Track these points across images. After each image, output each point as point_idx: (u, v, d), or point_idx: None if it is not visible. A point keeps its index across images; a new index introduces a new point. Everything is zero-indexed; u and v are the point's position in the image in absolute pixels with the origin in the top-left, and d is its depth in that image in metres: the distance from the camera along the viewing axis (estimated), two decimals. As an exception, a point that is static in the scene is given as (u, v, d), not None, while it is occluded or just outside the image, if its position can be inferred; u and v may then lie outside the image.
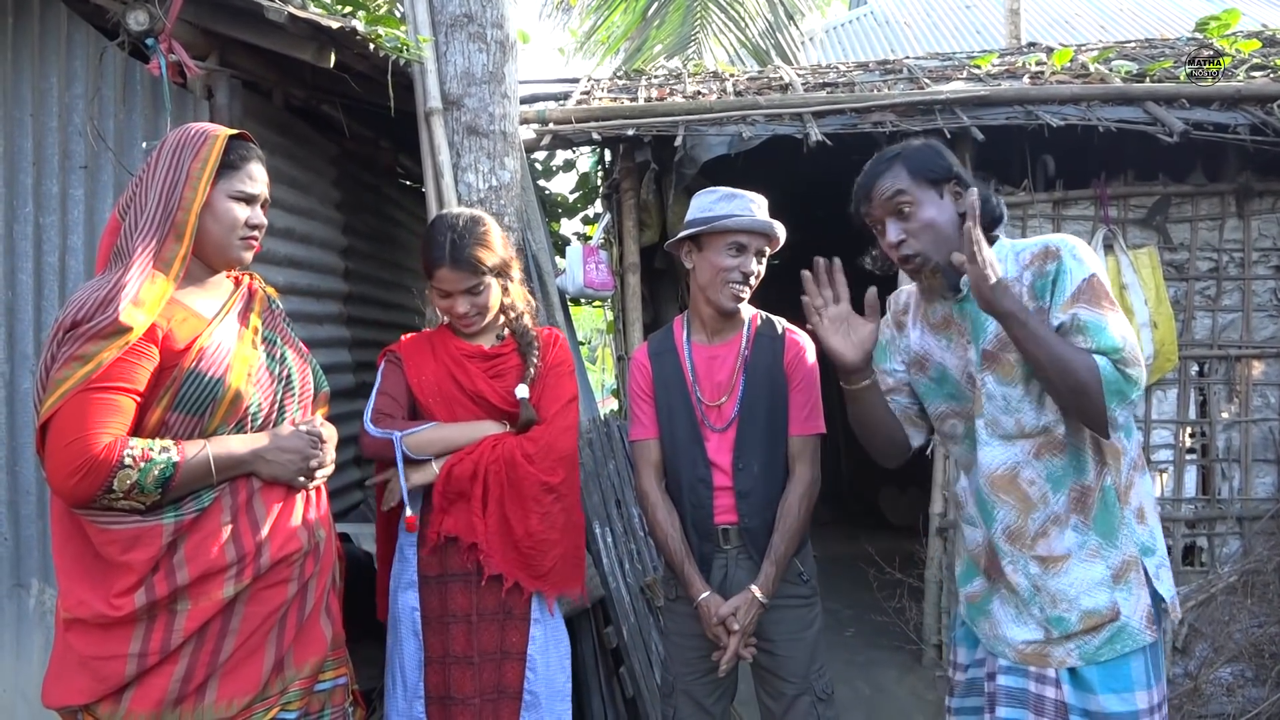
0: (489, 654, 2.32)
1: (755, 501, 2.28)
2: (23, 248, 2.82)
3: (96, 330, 1.63)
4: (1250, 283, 4.10)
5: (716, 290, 2.28)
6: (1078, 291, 1.74)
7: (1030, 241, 1.84)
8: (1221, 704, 3.49)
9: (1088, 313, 1.72)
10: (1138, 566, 1.79)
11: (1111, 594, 1.78)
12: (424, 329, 2.57)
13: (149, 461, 1.66)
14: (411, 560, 2.34)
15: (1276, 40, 5.09)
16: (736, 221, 2.23)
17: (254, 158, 1.89)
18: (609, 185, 4.66)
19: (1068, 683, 1.81)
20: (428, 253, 2.32)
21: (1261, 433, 4.11)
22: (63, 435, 1.63)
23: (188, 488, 1.72)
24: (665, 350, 2.40)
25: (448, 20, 3.21)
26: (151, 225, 1.75)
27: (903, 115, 4.10)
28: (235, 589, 1.76)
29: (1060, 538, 1.81)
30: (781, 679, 2.29)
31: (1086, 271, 1.74)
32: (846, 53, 11.54)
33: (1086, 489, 1.80)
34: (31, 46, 2.80)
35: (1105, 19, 11.67)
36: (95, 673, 1.69)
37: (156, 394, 1.72)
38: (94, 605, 1.69)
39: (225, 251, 1.85)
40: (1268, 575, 3.76)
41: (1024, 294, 1.79)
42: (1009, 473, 1.86)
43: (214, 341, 1.78)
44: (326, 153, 3.76)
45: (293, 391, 1.94)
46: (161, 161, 1.80)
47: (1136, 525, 1.81)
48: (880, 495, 7.11)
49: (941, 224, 1.86)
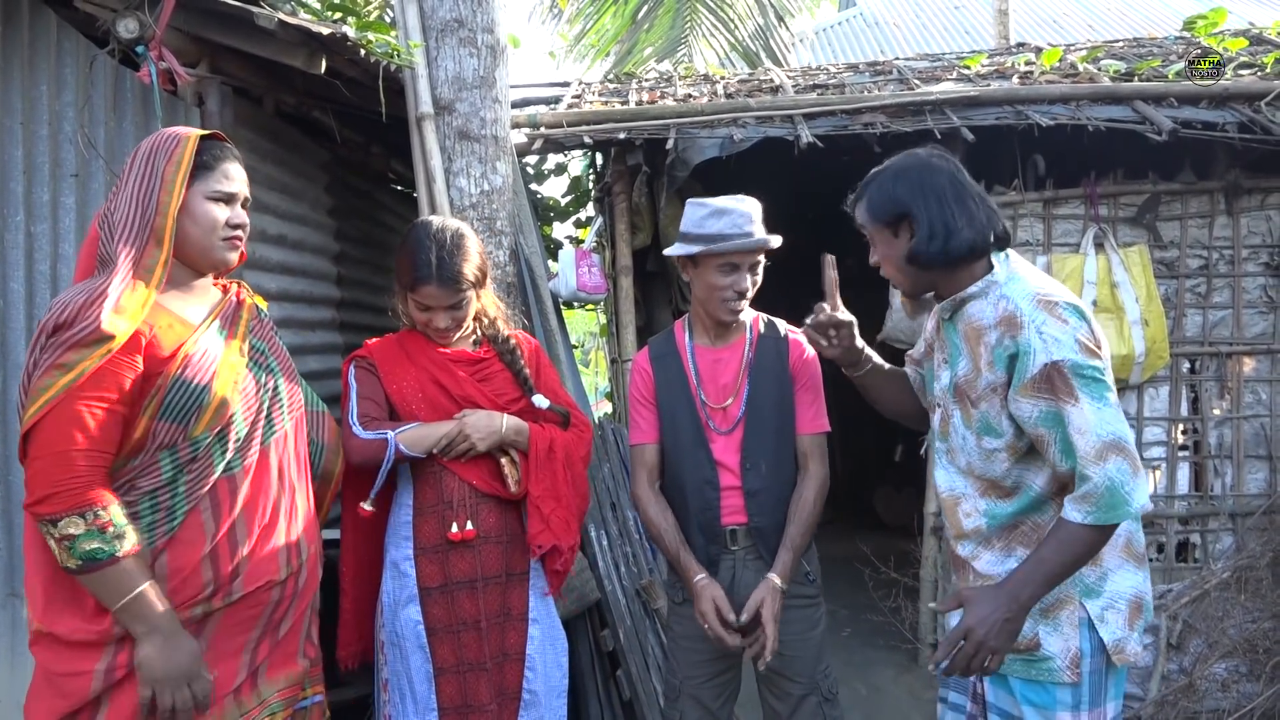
0: (498, 658, 2.33)
1: (765, 501, 2.28)
2: (14, 256, 2.81)
3: (78, 338, 1.61)
4: (1240, 280, 4.11)
5: (714, 306, 2.30)
6: (1034, 380, 1.68)
7: (1014, 291, 1.77)
8: (1216, 699, 3.50)
9: (1048, 404, 1.67)
10: (1073, 605, 1.77)
11: (1035, 625, 1.76)
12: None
13: (100, 533, 1.60)
14: (410, 574, 2.29)
15: (1264, 38, 5.11)
16: (725, 246, 2.22)
17: (229, 157, 1.87)
18: (601, 189, 4.66)
19: (988, 682, 1.84)
20: (412, 268, 2.28)
21: (1253, 429, 4.12)
22: (45, 446, 1.61)
23: (102, 585, 1.63)
24: (667, 353, 2.41)
25: (438, 25, 3.22)
26: (130, 232, 1.72)
27: (893, 116, 4.11)
28: (204, 611, 1.74)
29: (992, 562, 1.83)
30: (788, 679, 2.29)
31: (1045, 359, 1.67)
32: (836, 54, 11.57)
33: (1036, 525, 1.79)
34: (21, 54, 2.79)
35: (1093, 18, 11.71)
36: (60, 689, 1.65)
37: (142, 402, 1.69)
38: (68, 621, 1.66)
39: (208, 253, 1.83)
40: (1261, 571, 3.78)
41: (983, 354, 1.77)
42: (951, 499, 1.89)
43: (199, 348, 1.76)
44: (318, 159, 3.76)
45: (280, 403, 1.91)
46: (135, 168, 1.77)
47: (1085, 566, 1.75)
48: (875, 495, 7.12)
49: (892, 263, 1.90)
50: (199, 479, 1.74)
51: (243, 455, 1.80)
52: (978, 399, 1.80)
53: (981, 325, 1.79)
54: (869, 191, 1.90)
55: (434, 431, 2.27)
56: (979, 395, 1.80)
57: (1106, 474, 1.63)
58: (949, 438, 1.90)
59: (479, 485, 2.32)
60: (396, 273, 2.37)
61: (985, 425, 1.79)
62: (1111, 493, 1.63)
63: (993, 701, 1.83)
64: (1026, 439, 1.77)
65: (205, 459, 1.75)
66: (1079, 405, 1.65)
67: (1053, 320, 1.69)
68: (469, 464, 2.32)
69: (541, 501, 2.34)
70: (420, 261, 2.26)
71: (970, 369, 1.81)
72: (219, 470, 1.77)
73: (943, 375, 1.92)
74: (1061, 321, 1.69)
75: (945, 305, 1.87)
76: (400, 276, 2.34)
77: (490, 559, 2.33)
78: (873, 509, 7.07)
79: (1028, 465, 1.80)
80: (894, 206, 1.85)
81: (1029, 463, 1.80)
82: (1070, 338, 1.68)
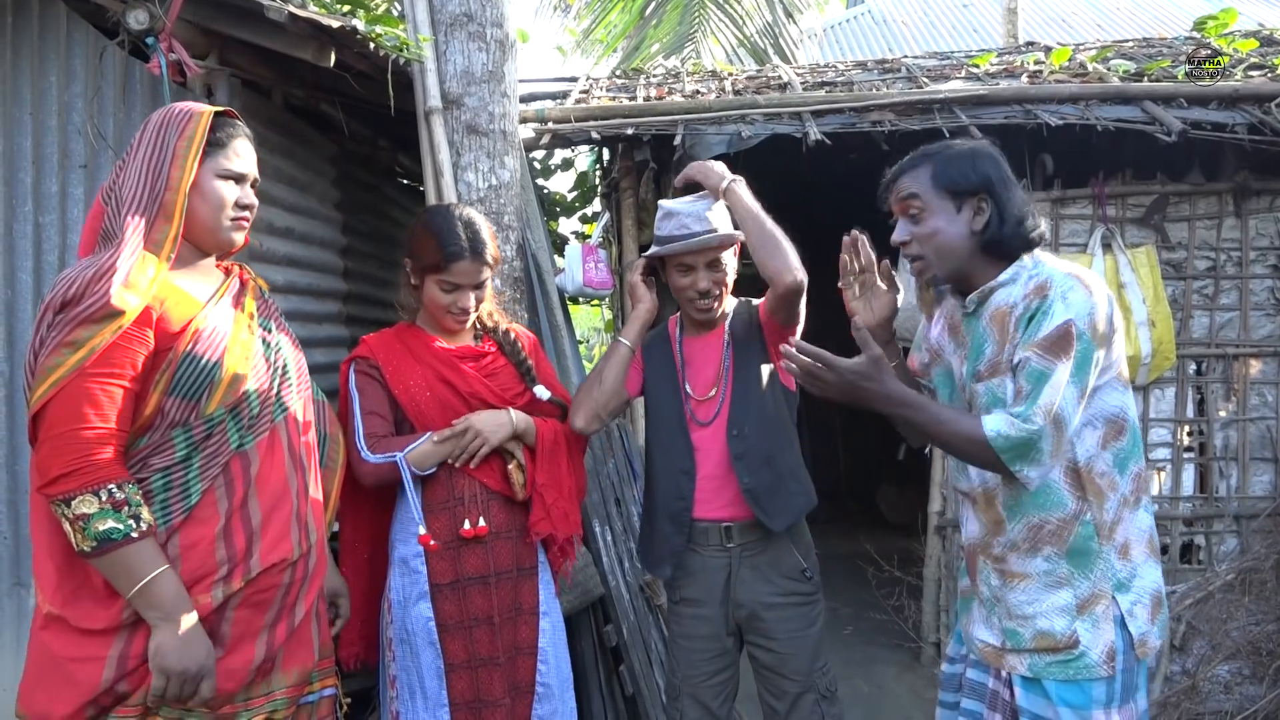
0: (510, 652, 2.33)
1: (752, 461, 2.28)
2: (22, 246, 2.81)
3: (88, 314, 1.56)
4: (1248, 281, 4.11)
5: (684, 305, 2.38)
6: (1044, 337, 1.69)
7: (1048, 269, 1.78)
8: (1219, 701, 3.50)
9: (1039, 360, 1.68)
10: (1107, 601, 1.76)
11: (1072, 623, 1.76)
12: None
13: (114, 512, 1.56)
14: (421, 571, 2.28)
15: (1274, 39, 5.09)
16: (670, 249, 2.27)
17: (240, 135, 1.82)
18: (608, 184, 4.66)
19: (1020, 687, 1.82)
20: (442, 246, 2.25)
21: (1259, 431, 4.11)
22: (56, 425, 1.57)
23: (111, 569, 1.59)
24: (658, 343, 2.45)
25: (447, 19, 3.21)
26: (139, 206, 1.67)
27: (901, 114, 4.10)
28: (224, 593, 1.69)
29: (1020, 561, 1.81)
30: (784, 677, 2.30)
31: (1063, 317, 1.68)
32: (844, 51, 11.55)
33: (1064, 522, 1.77)
34: (31, 45, 2.80)
35: (1103, 18, 11.68)
36: (69, 676, 1.59)
37: (152, 379, 1.65)
38: (82, 604, 1.61)
39: (215, 233, 1.78)
40: (1265, 573, 3.77)
41: (1012, 324, 1.76)
42: (982, 489, 1.87)
43: (209, 324, 1.72)
44: (326, 152, 3.75)
45: (289, 381, 1.88)
46: (145, 141, 1.73)
47: (1117, 561, 1.77)
48: (878, 494, 7.12)
49: (947, 238, 1.82)
50: (213, 457, 1.71)
51: (254, 433, 1.77)
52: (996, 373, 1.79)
53: (1010, 304, 1.77)
54: (936, 160, 1.84)
55: (441, 447, 2.25)
56: (999, 369, 1.78)
57: (1044, 432, 1.65)
58: None
59: (488, 483, 2.33)
60: (417, 255, 2.31)
61: (993, 397, 1.78)
62: (1030, 446, 1.66)
63: (1026, 707, 1.81)
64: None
65: (220, 436, 1.72)
66: (1065, 365, 1.66)
67: (1081, 289, 1.71)
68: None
69: (545, 490, 2.35)
70: (451, 239, 2.26)
71: (996, 350, 1.79)
72: (233, 447, 1.74)
73: (964, 368, 1.89)
74: (1087, 293, 1.71)
75: (972, 298, 1.84)
76: (423, 258, 2.29)
77: (502, 554, 2.33)
78: (876, 507, 7.08)
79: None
80: (974, 179, 1.81)
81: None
82: (1086, 306, 1.69)
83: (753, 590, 2.31)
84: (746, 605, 2.31)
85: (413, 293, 2.39)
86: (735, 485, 2.29)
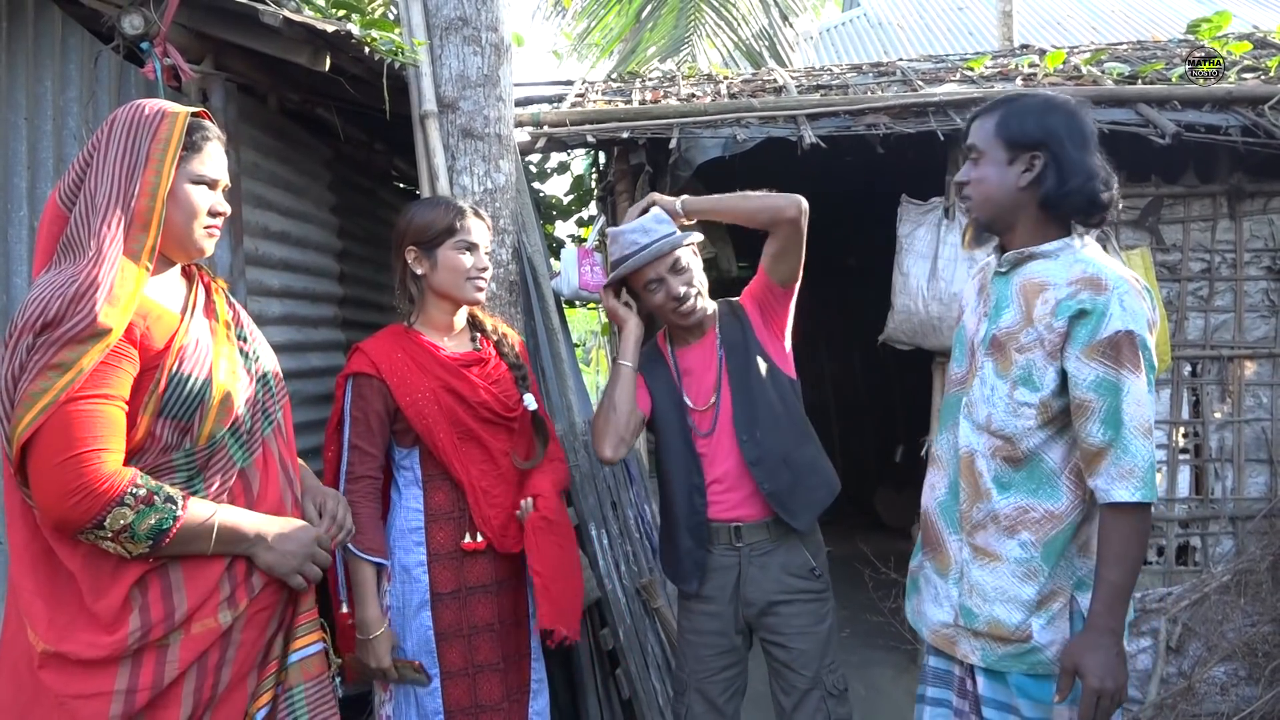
0: (511, 657, 2.34)
1: (770, 465, 2.29)
2: (17, 251, 2.81)
3: (73, 334, 1.45)
4: (1242, 283, 4.12)
5: (669, 319, 2.40)
6: (1105, 342, 1.68)
7: (1098, 265, 1.75)
8: (1215, 703, 3.50)
9: (1105, 370, 1.67)
10: (1066, 597, 1.77)
11: (1028, 617, 1.77)
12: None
13: (150, 506, 1.49)
14: (423, 580, 2.26)
15: (1268, 42, 5.11)
16: (623, 270, 2.34)
17: (213, 137, 1.70)
18: (603, 188, 4.66)
19: (982, 676, 1.83)
20: (445, 214, 2.27)
21: (1254, 432, 4.12)
22: (51, 455, 1.44)
23: (182, 548, 1.54)
24: (654, 361, 2.45)
25: (442, 23, 3.21)
26: (110, 214, 1.54)
27: (896, 118, 4.11)
28: (232, 615, 1.61)
29: (996, 539, 1.81)
30: (795, 672, 2.33)
31: (1123, 324, 1.67)
32: (840, 54, 11.56)
33: (1050, 515, 1.78)
34: (25, 50, 2.80)
35: (1097, 21, 11.70)
36: (73, 714, 1.48)
37: (140, 401, 1.54)
38: (79, 635, 1.49)
39: (187, 242, 1.66)
40: (1260, 574, 3.77)
41: (1039, 308, 1.75)
42: (968, 455, 1.87)
43: (191, 339, 1.62)
44: (321, 156, 3.75)
45: (271, 392, 1.80)
46: (114, 142, 1.58)
47: (1078, 558, 1.78)
48: (875, 496, 7.12)
49: (989, 187, 1.83)
50: (220, 479, 1.65)
51: (250, 451, 1.70)
52: (1021, 349, 1.78)
53: (1045, 283, 1.76)
54: (1004, 110, 1.84)
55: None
56: (1022, 346, 1.77)
57: (1149, 450, 1.66)
58: (972, 390, 1.88)
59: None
60: (422, 232, 2.27)
61: (1025, 376, 1.77)
62: (1151, 470, 1.66)
63: (988, 695, 1.82)
64: (1062, 401, 1.75)
65: (225, 458, 1.66)
66: (1139, 378, 1.67)
67: (1135, 294, 1.71)
68: (482, 474, 2.29)
69: (551, 582, 2.27)
70: (451, 205, 2.31)
71: (1018, 321, 1.79)
72: (238, 466, 1.68)
73: (981, 327, 1.89)
74: (1141, 299, 1.72)
75: (1009, 257, 1.84)
76: (432, 229, 2.26)
77: (505, 564, 2.33)
78: (873, 509, 7.07)
79: (1050, 433, 1.78)
80: (1035, 134, 1.79)
81: (1051, 430, 1.78)
82: (1144, 316, 1.71)
83: (762, 589, 2.33)
84: (756, 603, 2.34)
85: (415, 283, 2.33)
86: (744, 488, 2.31)
